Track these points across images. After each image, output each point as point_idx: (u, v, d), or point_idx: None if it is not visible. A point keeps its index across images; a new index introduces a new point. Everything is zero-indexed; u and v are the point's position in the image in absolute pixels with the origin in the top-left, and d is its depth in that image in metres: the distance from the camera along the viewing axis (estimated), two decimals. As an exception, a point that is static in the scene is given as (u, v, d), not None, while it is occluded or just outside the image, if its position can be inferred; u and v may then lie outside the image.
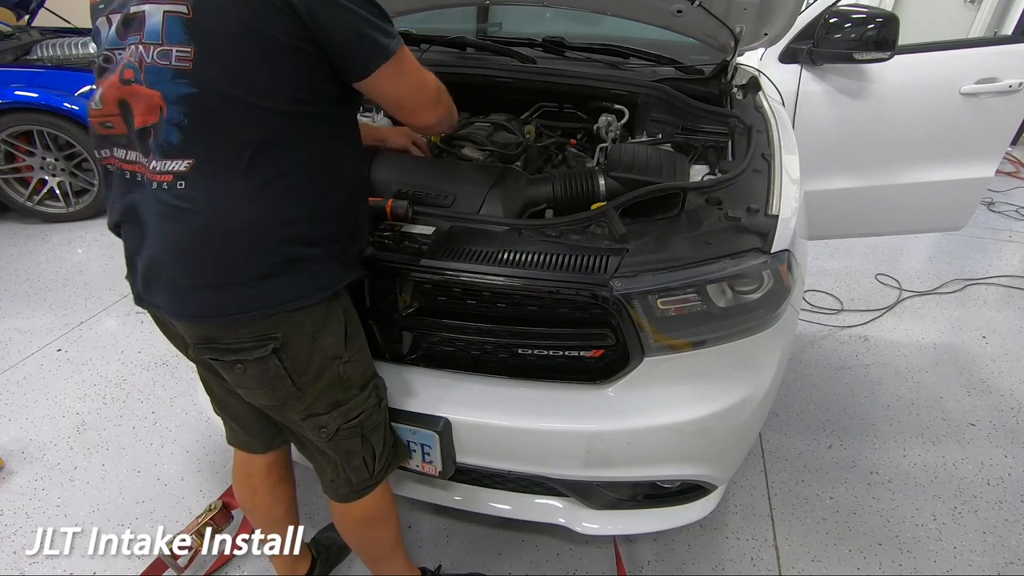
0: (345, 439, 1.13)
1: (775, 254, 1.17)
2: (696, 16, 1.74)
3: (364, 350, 1.15)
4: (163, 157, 0.90)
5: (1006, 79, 2.21)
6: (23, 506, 1.80)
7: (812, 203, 2.00)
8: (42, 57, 3.55)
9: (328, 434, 1.11)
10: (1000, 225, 3.81)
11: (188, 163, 0.89)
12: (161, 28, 0.86)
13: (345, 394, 1.10)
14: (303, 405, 1.08)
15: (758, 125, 1.57)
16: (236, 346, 0.98)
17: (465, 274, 1.16)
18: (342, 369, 1.08)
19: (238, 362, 1.00)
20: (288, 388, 1.04)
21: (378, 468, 1.21)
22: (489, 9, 2.43)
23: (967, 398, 2.32)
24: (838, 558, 1.70)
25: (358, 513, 1.25)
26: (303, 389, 1.05)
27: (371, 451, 1.18)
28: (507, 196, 1.36)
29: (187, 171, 0.89)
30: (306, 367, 1.03)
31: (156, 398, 2.23)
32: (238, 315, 0.95)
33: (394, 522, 1.32)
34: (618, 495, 1.41)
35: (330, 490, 1.23)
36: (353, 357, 1.10)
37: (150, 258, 0.95)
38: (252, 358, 0.98)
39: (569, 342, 1.24)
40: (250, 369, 1.00)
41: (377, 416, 1.17)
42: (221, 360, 1.01)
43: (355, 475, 1.19)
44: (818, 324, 2.76)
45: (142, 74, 0.88)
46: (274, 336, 0.98)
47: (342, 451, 1.15)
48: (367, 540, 1.33)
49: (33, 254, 3.23)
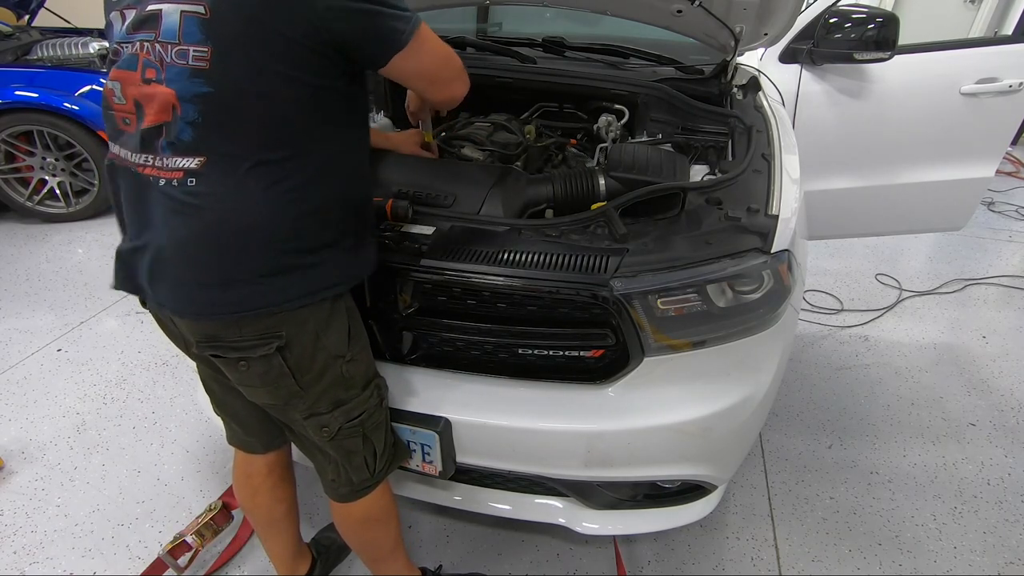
0: (346, 438, 1.14)
1: (775, 254, 1.17)
2: (696, 16, 1.74)
3: (366, 349, 1.15)
4: (174, 154, 0.90)
5: (1006, 79, 2.21)
6: (23, 506, 1.80)
7: (812, 203, 2.00)
8: (42, 57, 3.54)
9: (330, 433, 1.12)
10: (1000, 225, 3.81)
11: (200, 160, 0.90)
12: (178, 27, 0.87)
13: (347, 393, 1.10)
14: (305, 404, 1.08)
15: (758, 125, 1.57)
16: (240, 344, 0.98)
17: (465, 274, 1.16)
18: (345, 368, 1.08)
19: (242, 360, 1.00)
20: (291, 387, 1.04)
21: (379, 468, 1.21)
22: (489, 9, 2.43)
23: (967, 398, 2.32)
24: (838, 558, 1.70)
25: (359, 513, 1.25)
26: (306, 388, 1.05)
27: (372, 450, 1.18)
28: (507, 196, 1.36)
29: (198, 168, 0.90)
30: (309, 365, 1.04)
31: (156, 398, 2.23)
32: (243, 312, 0.95)
33: (394, 522, 1.32)
34: (618, 495, 1.41)
35: (331, 490, 1.23)
36: (356, 356, 1.10)
37: (156, 255, 0.95)
38: (256, 356, 0.99)
39: (569, 342, 1.24)
40: (253, 367, 1.01)
41: (378, 416, 1.17)
42: (224, 358, 1.01)
43: (356, 475, 1.19)
44: (818, 324, 2.76)
45: (163, 73, 0.89)
46: (278, 334, 0.98)
47: (343, 450, 1.15)
48: (367, 540, 1.33)
49: (33, 254, 3.23)
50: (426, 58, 1.00)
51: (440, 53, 1.04)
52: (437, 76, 1.06)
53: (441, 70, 1.06)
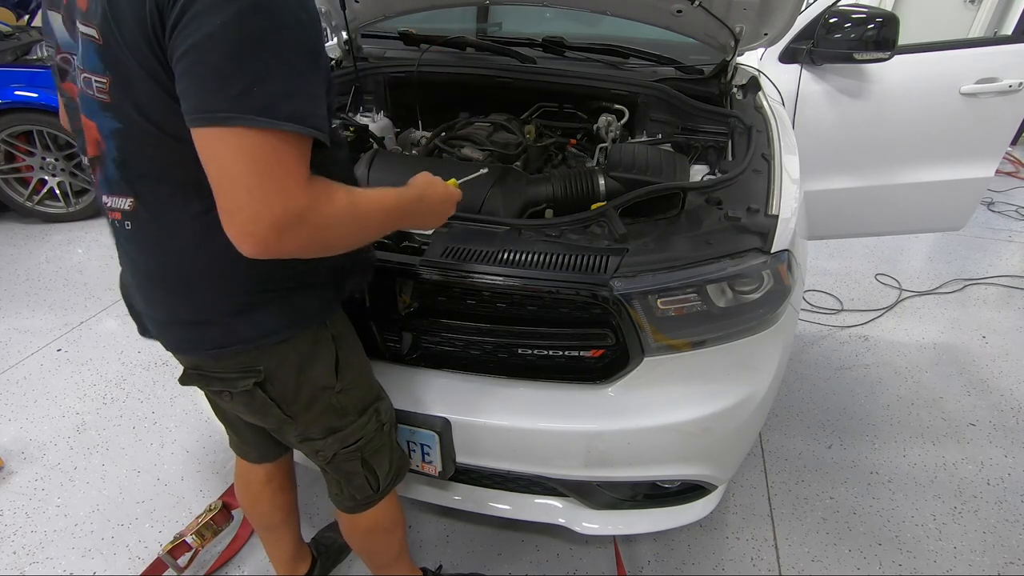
0: (344, 462, 1.11)
1: (775, 254, 1.17)
2: (696, 16, 1.74)
3: (362, 376, 1.09)
4: (109, 193, 0.85)
5: (1006, 79, 2.21)
6: (23, 506, 1.80)
7: (812, 203, 2.00)
8: (42, 57, 3.54)
9: (325, 458, 1.09)
10: (1000, 225, 3.81)
11: (130, 202, 0.83)
12: (83, 54, 0.79)
13: (341, 421, 1.06)
14: (297, 431, 1.05)
15: (758, 125, 1.57)
16: (221, 376, 0.95)
17: (465, 274, 1.16)
18: (335, 399, 1.03)
19: (225, 391, 0.97)
20: (278, 415, 1.01)
21: (383, 486, 1.19)
22: (489, 9, 2.43)
23: (967, 398, 2.32)
24: (838, 558, 1.70)
25: (365, 524, 1.23)
26: (295, 416, 1.01)
27: (373, 472, 1.15)
28: (507, 196, 1.36)
29: (131, 210, 0.83)
30: (295, 397, 0.99)
31: (156, 398, 2.23)
32: (216, 349, 0.91)
33: (400, 530, 1.31)
34: (618, 495, 1.41)
35: (336, 501, 1.22)
36: (348, 386, 1.04)
37: (133, 287, 0.94)
38: (237, 389, 0.96)
39: (569, 342, 1.24)
40: (237, 398, 0.98)
41: (379, 440, 1.13)
42: (208, 388, 0.99)
43: (359, 493, 1.17)
44: (818, 324, 2.76)
45: (86, 104, 0.82)
46: (256, 369, 0.93)
47: (342, 472, 1.13)
48: (373, 548, 1.31)
49: (33, 254, 3.23)
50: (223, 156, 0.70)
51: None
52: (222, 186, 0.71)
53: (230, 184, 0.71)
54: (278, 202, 0.69)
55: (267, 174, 0.69)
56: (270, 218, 0.69)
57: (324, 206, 0.74)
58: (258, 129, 0.67)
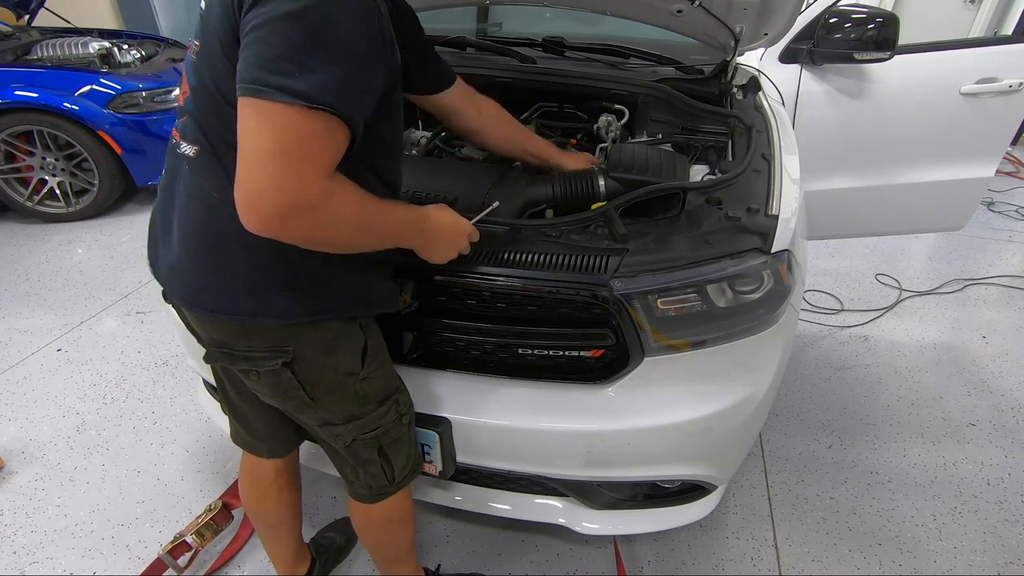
0: (361, 448, 1.12)
1: (775, 254, 1.17)
2: (696, 16, 1.74)
3: (384, 366, 1.11)
4: (182, 139, 0.93)
5: (1006, 79, 2.21)
6: (23, 506, 1.80)
7: (812, 203, 2.00)
8: (42, 57, 3.54)
9: (344, 442, 1.11)
10: (1000, 225, 3.81)
11: (195, 149, 0.90)
12: (198, 22, 0.91)
13: (362, 409, 1.08)
14: (318, 415, 1.07)
15: (758, 125, 1.57)
16: (249, 354, 0.97)
17: (465, 274, 1.16)
18: (358, 386, 1.05)
19: (251, 371, 0.99)
20: (302, 397, 1.03)
21: (398, 478, 1.19)
22: (489, 9, 2.43)
23: (967, 398, 2.32)
24: (838, 558, 1.70)
25: (380, 515, 1.24)
26: (317, 400, 1.04)
27: (389, 462, 1.16)
28: (507, 196, 1.36)
29: (194, 157, 0.90)
30: (319, 380, 1.02)
31: (156, 398, 2.23)
32: (248, 318, 0.93)
33: (413, 525, 1.31)
34: (618, 495, 1.41)
35: (351, 490, 1.22)
36: (371, 374, 1.07)
37: (172, 243, 0.96)
38: (264, 369, 0.97)
39: (569, 342, 1.24)
40: (263, 378, 1.00)
41: (397, 431, 1.14)
42: (233, 366, 1.00)
43: (374, 481, 1.18)
44: (818, 324, 2.76)
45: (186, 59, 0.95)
46: (285, 348, 0.96)
47: (359, 458, 1.14)
48: (386, 541, 1.31)
49: (33, 254, 3.23)
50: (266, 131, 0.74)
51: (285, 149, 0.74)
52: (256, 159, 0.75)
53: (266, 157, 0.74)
54: (291, 186, 0.73)
55: (289, 155, 0.73)
56: (279, 199, 0.73)
57: (334, 202, 0.78)
58: (290, 107, 0.72)
